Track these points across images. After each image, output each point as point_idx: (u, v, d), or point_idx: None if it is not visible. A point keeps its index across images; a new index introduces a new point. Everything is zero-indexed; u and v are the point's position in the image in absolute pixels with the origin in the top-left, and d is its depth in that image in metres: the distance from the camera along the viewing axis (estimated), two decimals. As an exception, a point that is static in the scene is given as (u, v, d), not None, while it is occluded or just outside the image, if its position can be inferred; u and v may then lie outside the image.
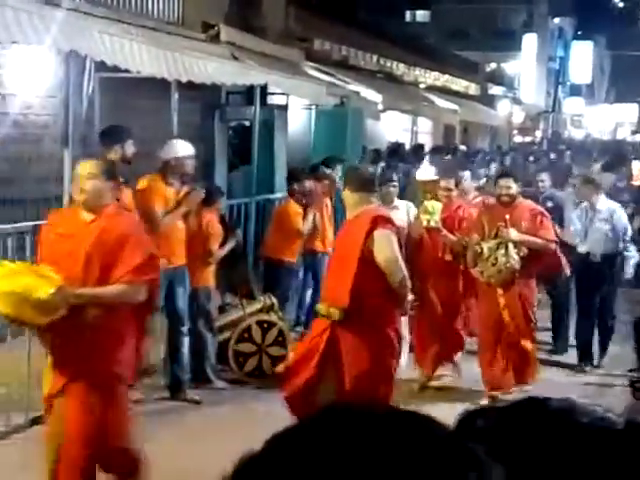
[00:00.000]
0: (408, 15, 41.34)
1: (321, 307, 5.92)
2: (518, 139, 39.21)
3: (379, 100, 16.36)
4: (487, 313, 7.89)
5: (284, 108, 14.40)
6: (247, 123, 12.98)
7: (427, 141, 22.46)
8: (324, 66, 15.94)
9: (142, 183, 7.39)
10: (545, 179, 10.24)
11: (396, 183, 8.51)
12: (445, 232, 8.06)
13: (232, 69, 10.60)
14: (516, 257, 7.53)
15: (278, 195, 11.75)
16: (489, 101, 33.28)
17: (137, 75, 8.53)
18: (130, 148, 7.21)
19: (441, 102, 22.54)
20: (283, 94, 13.65)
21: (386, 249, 5.69)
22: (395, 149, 16.52)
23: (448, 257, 8.15)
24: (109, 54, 7.80)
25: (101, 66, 8.56)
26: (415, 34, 33.03)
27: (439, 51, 29.61)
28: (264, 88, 11.77)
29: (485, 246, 7.61)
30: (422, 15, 43.15)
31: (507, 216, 7.70)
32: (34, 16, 7.15)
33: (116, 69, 8.15)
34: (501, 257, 7.54)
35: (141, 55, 8.32)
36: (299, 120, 15.36)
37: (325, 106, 13.82)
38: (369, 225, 5.70)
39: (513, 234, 7.60)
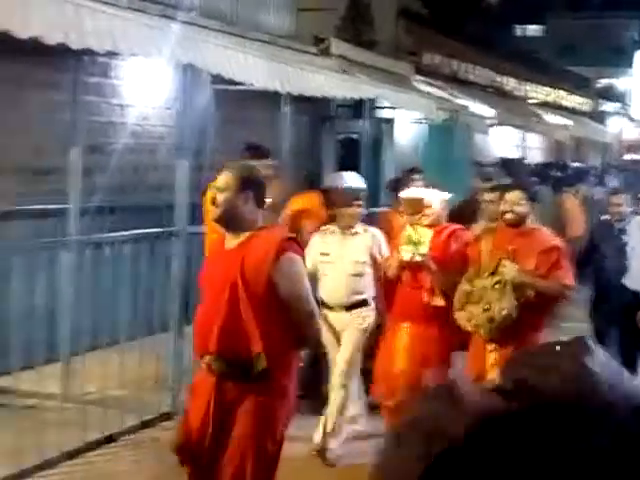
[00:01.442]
0: (518, 29, 40.96)
1: None
2: (628, 157, 38.44)
3: (490, 115, 16.26)
4: (471, 371, 6.01)
5: (392, 122, 14.43)
6: (355, 136, 13.06)
7: (537, 157, 22.19)
8: (434, 80, 15.93)
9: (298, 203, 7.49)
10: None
11: (360, 202, 6.79)
12: (434, 267, 6.10)
13: (342, 82, 10.69)
14: (514, 303, 5.78)
15: (384, 209, 11.77)
16: (600, 117, 32.73)
17: (250, 87, 8.69)
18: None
19: (551, 117, 22.27)
20: (391, 108, 13.69)
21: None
22: (503, 164, 16.36)
23: (438, 301, 6.11)
24: (224, 67, 7.96)
25: (216, 78, 8.74)
26: (526, 48, 32.72)
27: (551, 66, 29.26)
28: (373, 101, 11.83)
29: (477, 285, 5.90)
30: (533, 30, 42.72)
31: (511, 246, 5.94)
32: (153, 29, 7.35)
33: (230, 81, 8.32)
34: (496, 301, 5.80)
35: (254, 68, 8.47)
36: (407, 134, 15.37)
37: (433, 120, 13.80)
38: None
39: (513, 272, 5.82)
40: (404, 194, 6.57)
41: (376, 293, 6.62)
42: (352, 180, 7.52)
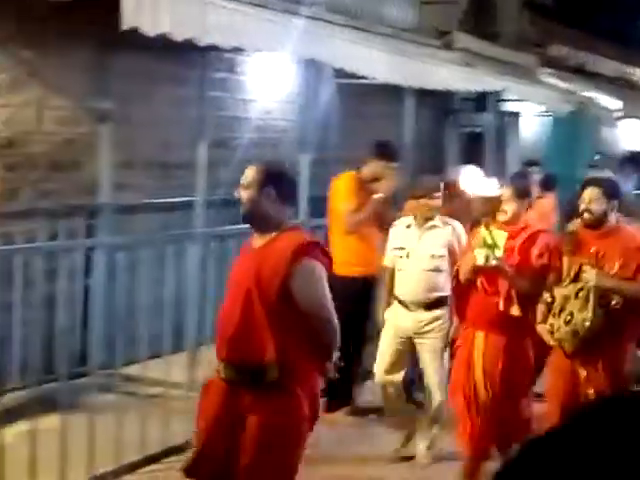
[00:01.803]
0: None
1: None
2: None
3: (618, 107, 15.86)
4: (560, 390, 5.52)
5: (516, 115, 14.22)
6: (479, 130, 12.92)
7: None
8: (560, 72, 15.63)
9: None
10: None
11: (439, 194, 6.41)
12: (512, 273, 5.50)
13: (466, 75, 10.59)
14: (600, 312, 5.31)
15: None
16: None
17: (372, 81, 8.70)
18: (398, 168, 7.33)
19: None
20: (516, 101, 13.49)
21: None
22: (631, 158, 15.92)
23: (515, 311, 5.50)
24: (347, 61, 8.00)
25: (338, 72, 8.78)
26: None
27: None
28: (497, 94, 11.69)
29: (558, 294, 5.45)
30: (664, 19, 41.44)
31: (593, 249, 5.45)
32: (277, 25, 7.44)
33: (353, 75, 8.34)
34: (578, 312, 5.31)
35: (377, 62, 8.48)
36: (531, 127, 15.13)
37: (559, 113, 13.54)
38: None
39: (595, 278, 5.33)
40: (476, 192, 6.32)
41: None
42: (471, 173, 7.46)
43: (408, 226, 6.43)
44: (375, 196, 7.08)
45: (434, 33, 12.03)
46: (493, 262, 5.46)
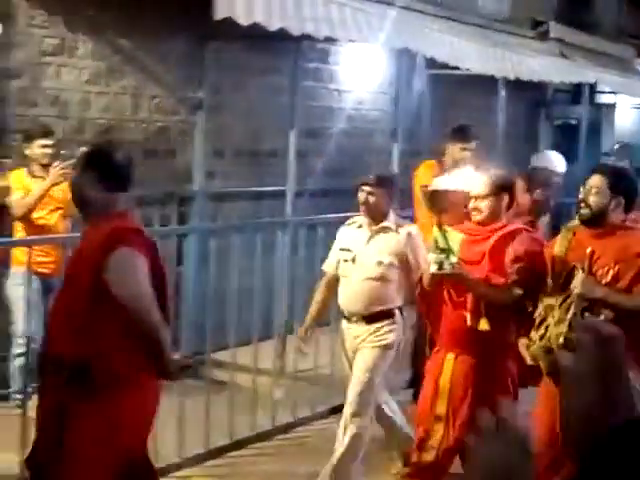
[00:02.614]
0: None
1: None
2: None
3: None
4: (542, 417, 4.49)
5: (612, 107, 13.96)
6: (573, 122, 12.72)
7: None
8: (658, 64, 15.27)
9: None
10: None
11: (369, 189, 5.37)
12: (473, 281, 4.64)
13: (561, 66, 10.44)
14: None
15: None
16: None
17: (465, 72, 8.63)
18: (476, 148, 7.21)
19: None
20: (612, 92, 13.24)
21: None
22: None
23: (483, 325, 4.64)
24: (439, 51, 7.96)
25: (431, 63, 8.73)
26: None
27: None
28: (593, 86, 11.49)
29: (543, 303, 4.57)
30: None
31: (589, 249, 4.56)
32: (370, 15, 7.44)
33: (445, 66, 8.29)
34: (554, 325, 4.45)
35: (470, 52, 8.41)
36: (627, 119, 14.83)
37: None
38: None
39: (580, 283, 4.47)
40: (432, 185, 5.23)
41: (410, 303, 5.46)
42: (555, 160, 7.33)
43: (360, 226, 5.49)
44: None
45: (528, 23, 11.87)
46: (447, 269, 4.56)
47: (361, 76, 9.33)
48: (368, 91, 9.56)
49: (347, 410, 5.30)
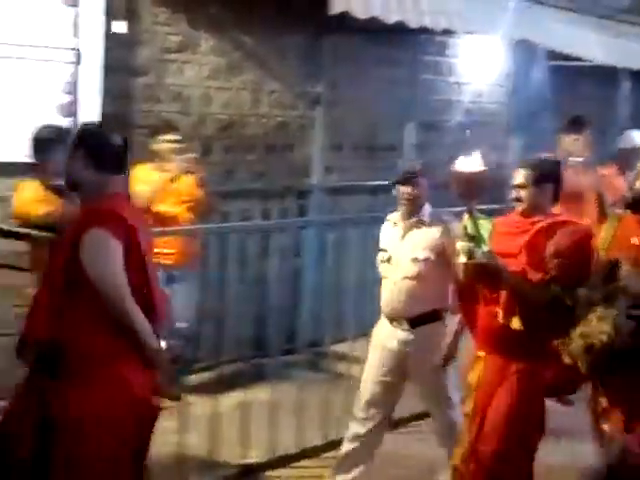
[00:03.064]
0: None
1: None
2: None
3: None
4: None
5: None
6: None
7: None
8: None
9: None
10: None
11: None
12: (507, 274, 4.21)
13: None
14: (627, 326, 3.84)
15: None
16: None
17: (585, 63, 8.48)
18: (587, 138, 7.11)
19: None
20: None
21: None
22: None
23: (515, 324, 4.26)
24: (560, 42, 7.85)
25: (551, 54, 8.61)
26: None
27: None
28: None
29: (583, 296, 4.03)
30: None
31: (635, 240, 4.22)
32: (489, 6, 7.38)
33: (565, 57, 8.17)
34: (597, 321, 3.90)
35: (591, 43, 8.27)
36: None
37: None
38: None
39: (627, 279, 3.98)
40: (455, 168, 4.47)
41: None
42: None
43: (395, 223, 5.19)
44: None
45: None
46: (478, 257, 4.18)
47: (479, 68, 9.26)
48: (486, 83, 9.48)
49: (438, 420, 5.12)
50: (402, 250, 5.02)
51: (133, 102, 6.88)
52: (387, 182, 5.17)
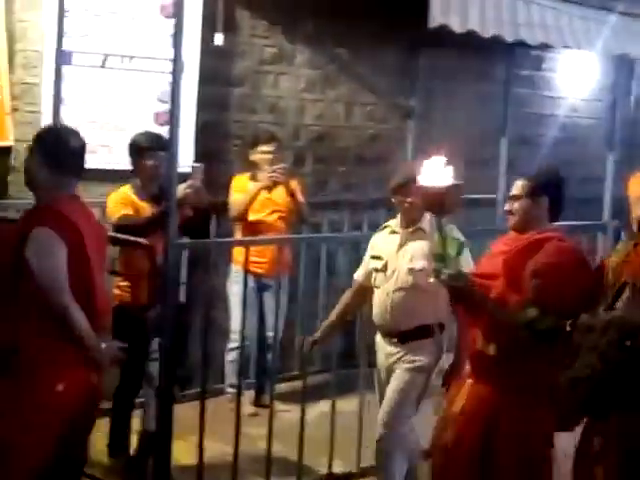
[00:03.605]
0: None
1: None
2: None
3: None
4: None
5: None
6: None
7: None
8: None
9: None
10: None
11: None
12: (479, 295, 3.85)
13: None
14: (614, 358, 3.36)
15: None
16: None
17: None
18: None
19: None
20: None
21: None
22: None
23: (490, 349, 3.93)
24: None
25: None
26: None
27: None
28: None
29: (583, 323, 3.52)
30: None
31: None
32: (588, 21, 7.29)
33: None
34: (585, 352, 3.42)
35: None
36: None
37: None
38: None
39: (623, 305, 3.56)
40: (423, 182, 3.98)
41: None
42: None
43: (393, 231, 4.95)
44: None
45: None
46: (444, 279, 3.82)
47: (575, 83, 9.15)
48: (582, 98, 9.35)
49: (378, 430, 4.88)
50: (399, 260, 4.81)
51: (228, 112, 6.99)
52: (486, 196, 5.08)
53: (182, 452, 5.22)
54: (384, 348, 4.88)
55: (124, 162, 6.16)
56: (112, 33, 6.30)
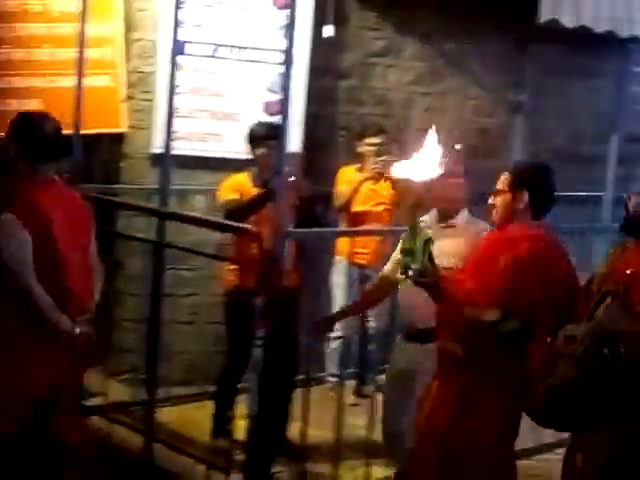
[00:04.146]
0: None
1: None
2: None
3: None
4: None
5: None
6: None
7: None
8: None
9: None
10: None
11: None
12: (441, 291, 3.74)
13: None
14: (590, 368, 3.23)
15: None
16: None
17: None
18: None
19: None
20: None
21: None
22: None
23: (453, 349, 3.88)
24: None
25: None
26: None
27: None
28: None
29: (564, 332, 3.38)
30: None
31: (630, 270, 3.42)
32: None
33: None
34: (563, 362, 3.29)
35: None
36: None
37: None
38: None
39: (602, 313, 3.41)
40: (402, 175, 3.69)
41: None
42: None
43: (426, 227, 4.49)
44: None
45: None
46: (410, 274, 3.68)
47: None
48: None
49: None
50: None
51: (336, 104, 7.03)
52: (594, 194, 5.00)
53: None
54: (406, 348, 4.70)
55: (234, 151, 6.27)
56: (223, 24, 6.39)
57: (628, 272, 3.38)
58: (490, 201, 3.95)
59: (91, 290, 4.23)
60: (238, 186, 5.42)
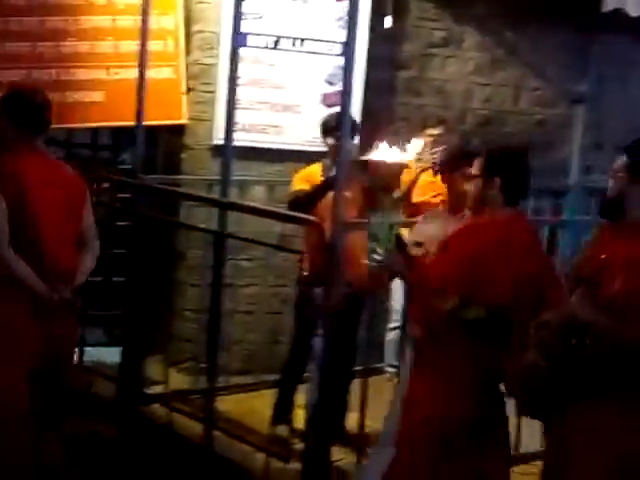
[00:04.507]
0: None
1: None
2: None
3: None
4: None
5: None
6: None
7: None
8: None
9: None
10: None
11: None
12: (410, 275, 3.80)
13: None
14: (561, 356, 3.25)
15: None
16: None
17: None
18: None
19: None
20: None
21: None
22: None
23: (413, 330, 3.92)
24: None
25: None
26: None
27: None
28: None
29: (538, 320, 3.39)
30: None
31: (604, 255, 3.38)
32: None
33: None
34: (533, 350, 3.33)
35: None
36: None
37: None
38: None
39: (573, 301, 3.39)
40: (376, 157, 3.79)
41: None
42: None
43: (438, 216, 4.63)
44: None
45: None
46: (373, 260, 3.71)
47: None
48: None
49: None
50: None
51: (395, 95, 7.03)
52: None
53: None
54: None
55: (293, 142, 6.30)
56: (284, 15, 6.42)
57: (602, 257, 3.34)
58: (465, 187, 3.94)
59: (78, 261, 4.35)
60: (309, 177, 5.45)
